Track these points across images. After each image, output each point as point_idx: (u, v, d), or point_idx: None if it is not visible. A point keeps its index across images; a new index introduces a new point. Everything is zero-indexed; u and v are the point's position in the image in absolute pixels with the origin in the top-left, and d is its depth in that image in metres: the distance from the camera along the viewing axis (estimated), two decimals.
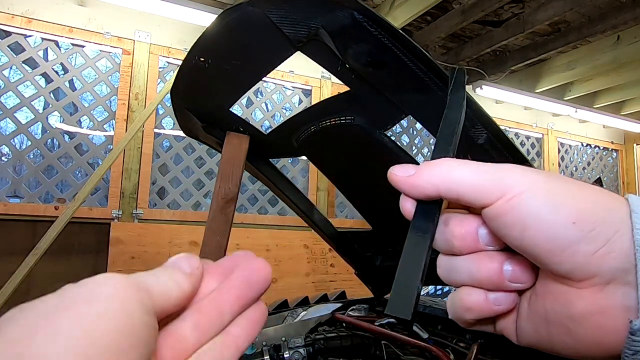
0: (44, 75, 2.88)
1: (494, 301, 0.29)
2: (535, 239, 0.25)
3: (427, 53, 0.65)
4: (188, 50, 0.88)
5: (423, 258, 0.27)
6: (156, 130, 3.10)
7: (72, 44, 2.91)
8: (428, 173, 0.28)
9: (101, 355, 0.19)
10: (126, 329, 0.20)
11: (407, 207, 0.30)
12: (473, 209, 0.29)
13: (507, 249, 0.29)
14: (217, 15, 0.77)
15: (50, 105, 2.85)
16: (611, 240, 0.24)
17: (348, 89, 0.88)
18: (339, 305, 1.51)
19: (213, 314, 0.27)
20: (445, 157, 0.30)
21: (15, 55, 2.72)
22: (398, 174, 0.29)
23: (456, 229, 0.29)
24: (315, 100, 3.61)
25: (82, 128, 2.99)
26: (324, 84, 3.67)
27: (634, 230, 0.24)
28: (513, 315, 0.31)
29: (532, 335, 0.29)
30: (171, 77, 3.11)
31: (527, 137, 4.83)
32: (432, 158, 0.31)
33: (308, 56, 0.81)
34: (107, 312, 0.20)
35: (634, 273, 0.24)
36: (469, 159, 0.29)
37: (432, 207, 0.29)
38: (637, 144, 5.51)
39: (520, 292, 0.30)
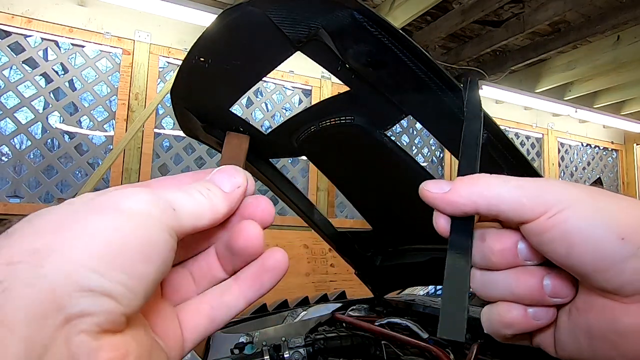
0: (44, 75, 2.87)
1: (533, 316, 0.29)
2: (582, 255, 0.25)
3: (427, 53, 0.65)
4: (188, 50, 0.88)
5: (467, 276, 0.27)
6: (156, 130, 3.10)
7: (72, 44, 2.91)
8: (466, 190, 0.28)
9: (114, 261, 0.20)
10: (144, 243, 0.21)
11: (442, 224, 0.29)
12: (507, 223, 0.29)
13: (546, 263, 0.28)
14: (217, 15, 0.77)
15: (50, 105, 2.85)
16: None
17: (348, 89, 0.88)
18: (339, 305, 1.51)
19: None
20: (472, 172, 0.30)
21: (15, 55, 2.72)
22: (432, 190, 0.29)
23: (495, 244, 0.29)
24: (315, 100, 3.61)
25: (82, 128, 2.98)
26: (324, 84, 3.67)
27: None
28: (551, 329, 0.30)
29: (573, 349, 0.29)
30: (171, 77, 3.11)
31: (527, 137, 4.83)
32: (460, 173, 0.31)
33: (308, 56, 0.81)
34: (126, 225, 0.21)
35: None
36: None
37: (467, 223, 0.29)
38: (637, 144, 5.51)
39: (558, 306, 0.29)
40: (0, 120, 2.71)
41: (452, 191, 0.28)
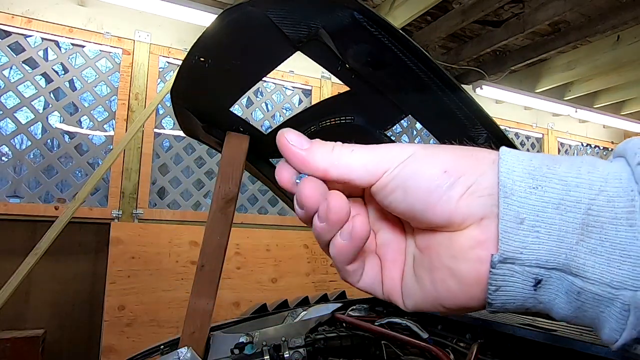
0: (44, 75, 2.87)
1: (342, 238, 0.30)
2: (416, 194, 0.28)
3: (427, 53, 0.65)
4: (188, 50, 0.88)
5: None
6: (156, 130, 3.10)
7: (72, 44, 2.91)
8: (322, 156, 0.29)
9: None
10: None
11: (286, 178, 0.30)
12: (354, 188, 0.31)
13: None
14: (217, 15, 0.77)
15: (50, 105, 2.85)
16: (477, 182, 0.27)
17: (348, 89, 0.88)
18: (339, 305, 1.51)
19: None
20: None
21: (15, 55, 2.72)
22: (292, 142, 0.30)
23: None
24: (315, 100, 3.61)
25: (82, 128, 2.98)
26: (324, 84, 3.67)
27: (499, 171, 0.27)
28: (397, 280, 0.33)
29: (417, 292, 0.31)
30: (171, 77, 3.11)
31: (527, 137, 4.83)
32: None
33: (308, 56, 0.81)
34: None
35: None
36: None
37: None
38: None
39: (409, 260, 0.33)
40: (0, 120, 2.71)
41: (310, 152, 0.29)
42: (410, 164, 0.28)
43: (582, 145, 5.26)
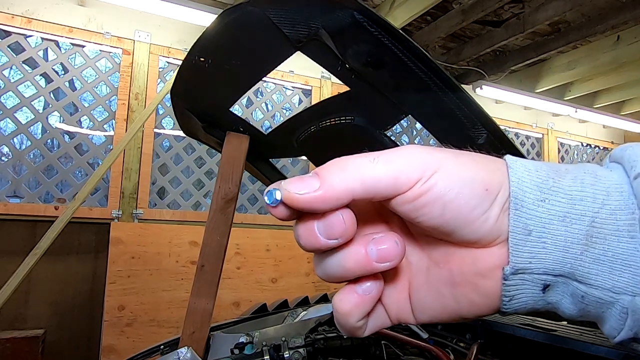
0: (44, 75, 2.87)
1: (363, 291, 0.28)
2: (455, 211, 0.26)
3: (427, 53, 0.65)
4: (188, 50, 0.88)
5: None
6: (156, 130, 3.10)
7: (72, 44, 2.91)
8: (339, 180, 0.25)
9: None
10: None
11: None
12: (376, 200, 0.28)
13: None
14: (217, 15, 0.77)
15: (50, 105, 2.85)
16: (507, 200, 0.27)
17: (348, 89, 0.88)
18: None
19: None
20: None
21: (15, 55, 2.72)
22: (301, 191, 0.25)
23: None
24: (315, 100, 3.61)
25: (82, 128, 2.98)
26: (324, 84, 3.67)
27: (509, 182, 0.27)
28: (404, 301, 0.31)
29: (435, 306, 0.30)
30: (171, 77, 3.11)
31: (527, 137, 4.83)
32: None
33: (308, 56, 0.81)
34: None
35: None
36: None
37: None
38: None
39: (414, 271, 0.31)
40: (0, 120, 2.71)
41: (326, 187, 0.25)
42: (448, 175, 0.26)
43: (582, 145, 5.26)
